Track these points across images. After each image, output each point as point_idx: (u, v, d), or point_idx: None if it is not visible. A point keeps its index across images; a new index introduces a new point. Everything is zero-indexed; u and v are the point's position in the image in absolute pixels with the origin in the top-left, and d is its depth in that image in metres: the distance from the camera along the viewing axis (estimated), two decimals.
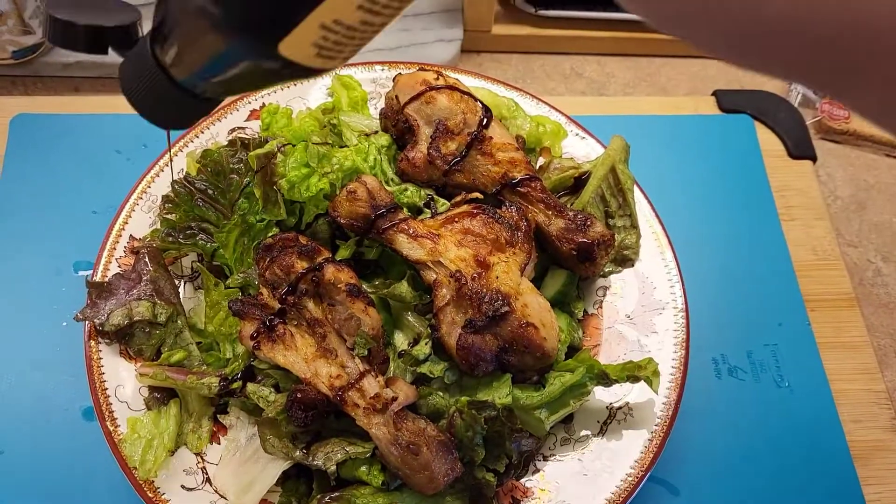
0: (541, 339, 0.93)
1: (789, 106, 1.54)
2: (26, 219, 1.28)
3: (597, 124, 1.28)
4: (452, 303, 0.94)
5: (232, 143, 1.09)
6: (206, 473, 0.97)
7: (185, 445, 0.99)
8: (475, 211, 0.99)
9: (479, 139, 1.04)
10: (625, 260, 1.15)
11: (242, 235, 1.05)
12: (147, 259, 1.05)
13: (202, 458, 0.98)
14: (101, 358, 1.02)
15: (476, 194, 1.03)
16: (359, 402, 0.89)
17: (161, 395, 1.01)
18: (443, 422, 0.93)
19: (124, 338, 1.02)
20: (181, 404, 1.00)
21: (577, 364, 0.99)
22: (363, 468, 0.91)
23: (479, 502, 0.93)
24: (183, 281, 1.10)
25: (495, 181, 1.04)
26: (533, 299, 0.95)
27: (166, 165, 1.16)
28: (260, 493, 0.93)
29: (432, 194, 1.06)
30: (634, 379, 0.98)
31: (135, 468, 0.95)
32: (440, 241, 0.97)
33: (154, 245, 1.08)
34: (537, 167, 1.18)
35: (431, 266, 0.96)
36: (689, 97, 1.58)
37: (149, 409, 1.00)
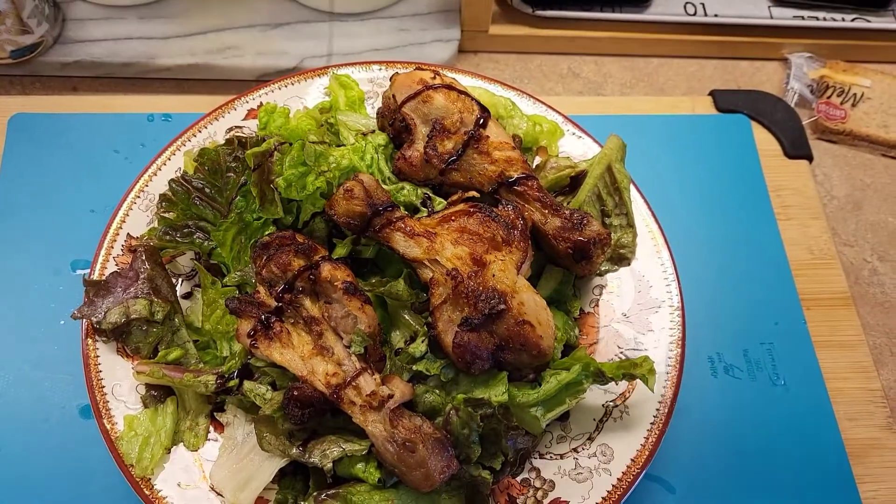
0: (537, 337, 0.93)
1: (786, 106, 1.55)
2: (24, 218, 1.28)
3: (594, 124, 1.28)
4: (449, 301, 0.94)
5: (229, 141, 1.10)
6: (203, 471, 0.97)
7: (182, 443, 0.99)
8: (472, 209, 0.99)
9: (476, 138, 1.05)
10: (621, 258, 1.15)
11: (239, 234, 1.05)
12: (144, 257, 1.06)
13: (199, 455, 0.99)
14: (98, 356, 1.02)
15: (473, 193, 1.04)
16: (355, 400, 0.89)
17: (158, 393, 1.01)
18: (439, 419, 0.93)
19: (121, 336, 1.03)
20: (178, 402, 1.01)
21: (573, 362, 0.99)
22: (360, 465, 0.92)
23: (475, 500, 0.94)
24: (180, 279, 1.11)
25: (492, 180, 1.04)
26: (529, 297, 0.95)
27: (164, 165, 1.17)
28: (256, 490, 0.94)
29: (429, 193, 1.07)
30: (630, 377, 0.99)
31: (132, 466, 0.95)
32: (437, 239, 0.97)
33: (151, 243, 1.08)
34: (534, 166, 1.19)
35: (428, 264, 0.96)
36: (686, 97, 1.59)
37: (146, 406, 1.00)
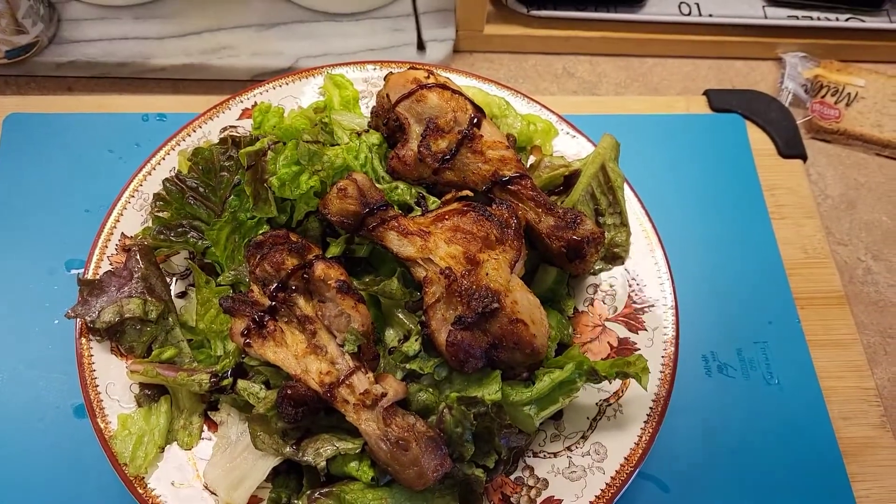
0: (530, 335, 0.93)
1: (780, 105, 1.55)
2: (19, 217, 1.28)
3: (589, 124, 1.29)
4: (442, 299, 0.94)
5: (223, 141, 1.10)
6: (197, 469, 0.97)
7: (176, 442, 0.99)
8: (465, 208, 0.99)
9: (470, 137, 1.05)
10: (615, 258, 1.15)
11: (233, 233, 1.05)
12: (138, 257, 1.06)
13: (193, 454, 0.98)
14: (92, 355, 1.02)
15: (466, 192, 1.04)
16: (348, 399, 0.89)
17: (152, 392, 1.01)
18: (432, 418, 0.93)
19: (115, 335, 1.03)
20: (172, 401, 1.01)
21: (566, 361, 0.99)
22: (353, 464, 0.92)
23: (469, 498, 0.94)
24: (174, 278, 1.11)
25: (486, 179, 1.05)
26: (523, 296, 0.95)
27: (158, 164, 1.17)
28: (250, 488, 0.94)
29: (423, 192, 1.07)
30: (624, 375, 0.99)
31: (125, 464, 0.95)
32: (430, 238, 0.97)
33: (145, 243, 1.08)
34: (528, 165, 1.19)
35: (422, 263, 0.97)
36: (680, 97, 1.59)
37: (140, 405, 1.00)
